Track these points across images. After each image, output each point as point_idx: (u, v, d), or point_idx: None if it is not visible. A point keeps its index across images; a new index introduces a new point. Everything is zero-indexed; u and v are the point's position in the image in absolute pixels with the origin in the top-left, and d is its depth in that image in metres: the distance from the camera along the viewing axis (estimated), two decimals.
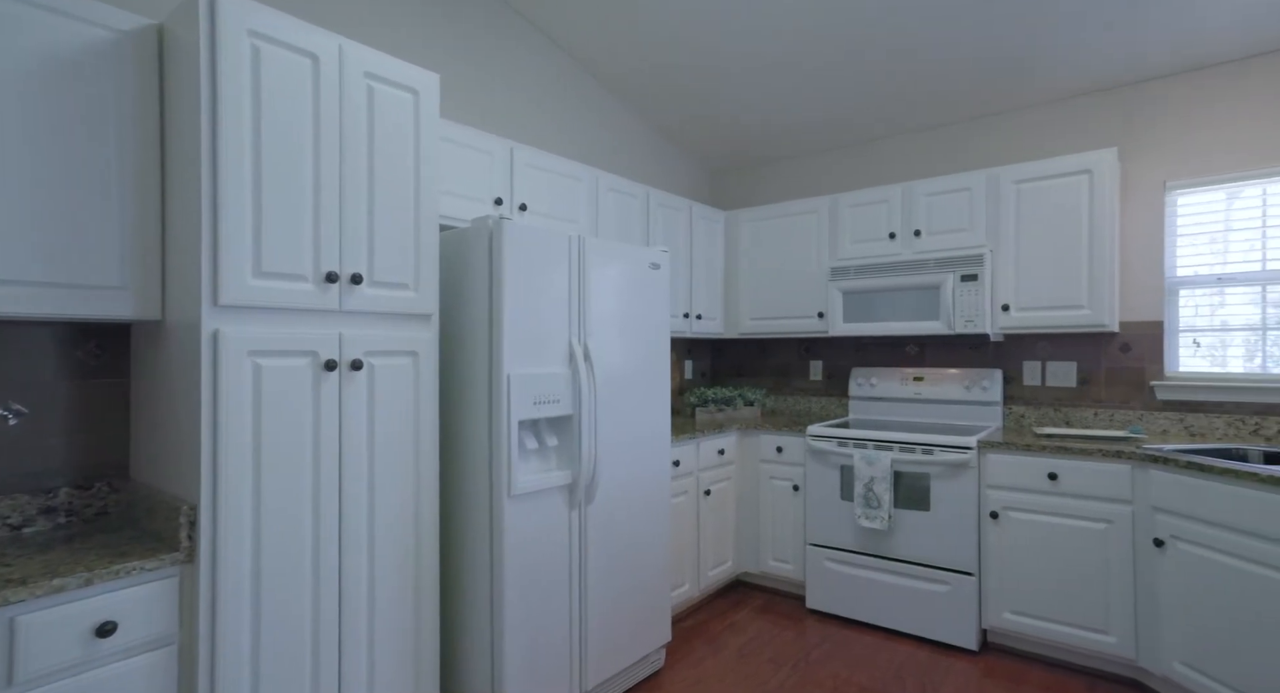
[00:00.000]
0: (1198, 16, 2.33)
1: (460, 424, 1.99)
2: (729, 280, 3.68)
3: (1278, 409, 2.44)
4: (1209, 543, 2.00)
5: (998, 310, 2.78)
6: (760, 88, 3.17)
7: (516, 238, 1.93)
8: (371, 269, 1.64)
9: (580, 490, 2.10)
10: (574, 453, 2.09)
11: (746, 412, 3.53)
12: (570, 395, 2.08)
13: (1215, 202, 2.61)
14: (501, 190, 2.42)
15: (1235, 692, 1.92)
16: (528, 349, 1.96)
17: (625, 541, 2.30)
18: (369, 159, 1.64)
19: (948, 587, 2.59)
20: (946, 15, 2.48)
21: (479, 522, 1.94)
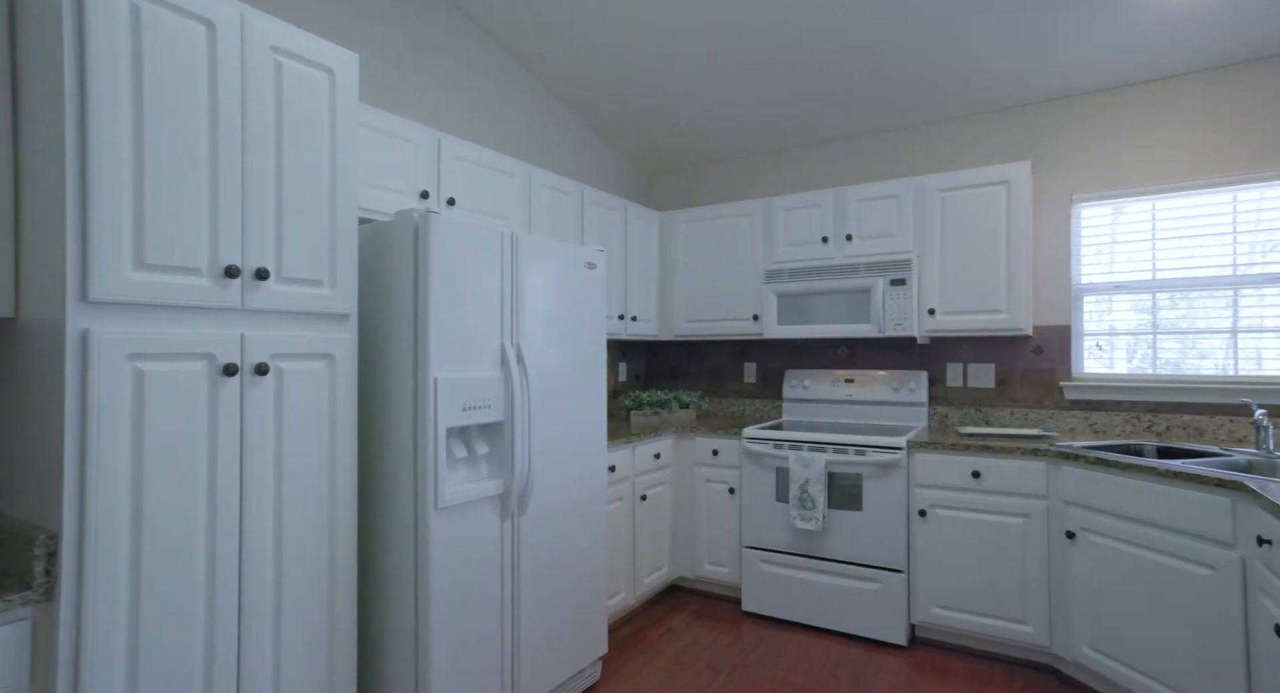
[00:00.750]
0: (1098, 43, 2.48)
1: (382, 433, 1.85)
2: (664, 282, 3.65)
3: (1167, 407, 2.63)
4: (1113, 533, 2.12)
5: (924, 314, 2.87)
6: (694, 91, 3.15)
7: (445, 233, 1.81)
8: (280, 263, 1.48)
9: (513, 500, 1.99)
10: (506, 461, 1.98)
11: (682, 414, 3.50)
12: (502, 401, 1.97)
13: (1113, 214, 2.79)
14: (428, 183, 2.28)
15: (1136, 671, 2.04)
16: (456, 352, 1.84)
17: (560, 551, 2.21)
18: (277, 142, 1.48)
19: (879, 585, 2.64)
20: (863, 32, 2.54)
21: (403, 539, 1.79)
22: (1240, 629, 1.76)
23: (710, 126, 3.50)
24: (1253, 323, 2.53)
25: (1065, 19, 2.39)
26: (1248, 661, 1.75)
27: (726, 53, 2.84)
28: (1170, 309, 2.68)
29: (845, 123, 3.30)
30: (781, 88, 3.06)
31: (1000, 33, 2.51)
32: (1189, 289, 2.64)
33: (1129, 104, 2.73)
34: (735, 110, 3.30)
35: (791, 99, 3.14)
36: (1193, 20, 2.33)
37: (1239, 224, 2.56)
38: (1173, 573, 1.94)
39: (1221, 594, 1.80)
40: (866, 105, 3.12)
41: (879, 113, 3.17)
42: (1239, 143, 2.53)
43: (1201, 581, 1.86)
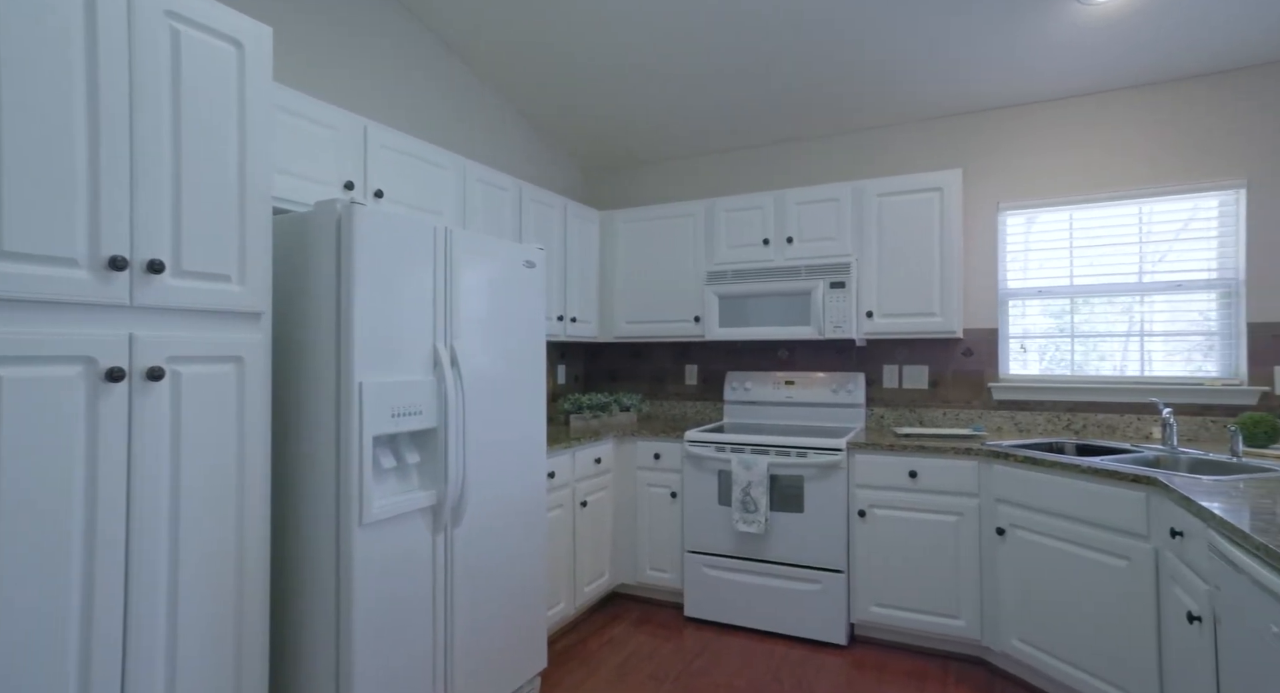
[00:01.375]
0: (1026, 59, 2.58)
1: (300, 443, 1.69)
2: (604, 282, 3.58)
3: (1083, 406, 2.77)
4: (1039, 529, 2.20)
5: (863, 316, 2.92)
6: (636, 89, 3.09)
7: (372, 226, 1.67)
8: (178, 255, 1.32)
9: (446, 512, 1.87)
10: (439, 470, 1.86)
11: (623, 418, 3.44)
12: (435, 406, 1.85)
13: (1035, 222, 2.92)
14: (353, 173, 2.12)
15: (1060, 660, 2.12)
16: (384, 354, 1.70)
17: (498, 564, 2.10)
18: (174, 119, 1.32)
19: (820, 586, 2.65)
20: (805, 38, 2.56)
21: (323, 560, 1.65)
22: (1153, 616, 1.85)
23: (652, 125, 3.45)
24: (1158, 327, 2.69)
25: (996, 35, 2.48)
26: (1159, 645, 1.84)
27: (669, 52, 2.79)
28: (1086, 313, 2.82)
29: (787, 126, 3.32)
30: (725, 89, 3.04)
31: (937, 45, 2.58)
32: (1102, 295, 2.79)
33: (1053, 117, 2.86)
34: (678, 109, 3.27)
35: (735, 101, 3.14)
36: (1113, 43, 2.46)
37: (1144, 235, 2.72)
38: (1093, 565, 2.02)
39: (1136, 584, 1.89)
40: (808, 109, 3.15)
41: (820, 117, 3.21)
42: (1148, 158, 2.69)
43: (1118, 572, 1.94)
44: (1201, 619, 1.55)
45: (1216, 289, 2.60)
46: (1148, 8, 2.28)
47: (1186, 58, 2.52)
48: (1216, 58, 2.51)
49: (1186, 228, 2.66)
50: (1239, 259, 2.56)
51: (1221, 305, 2.60)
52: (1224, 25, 2.34)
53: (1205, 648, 1.55)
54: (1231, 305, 2.58)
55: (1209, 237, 2.62)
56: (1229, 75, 2.57)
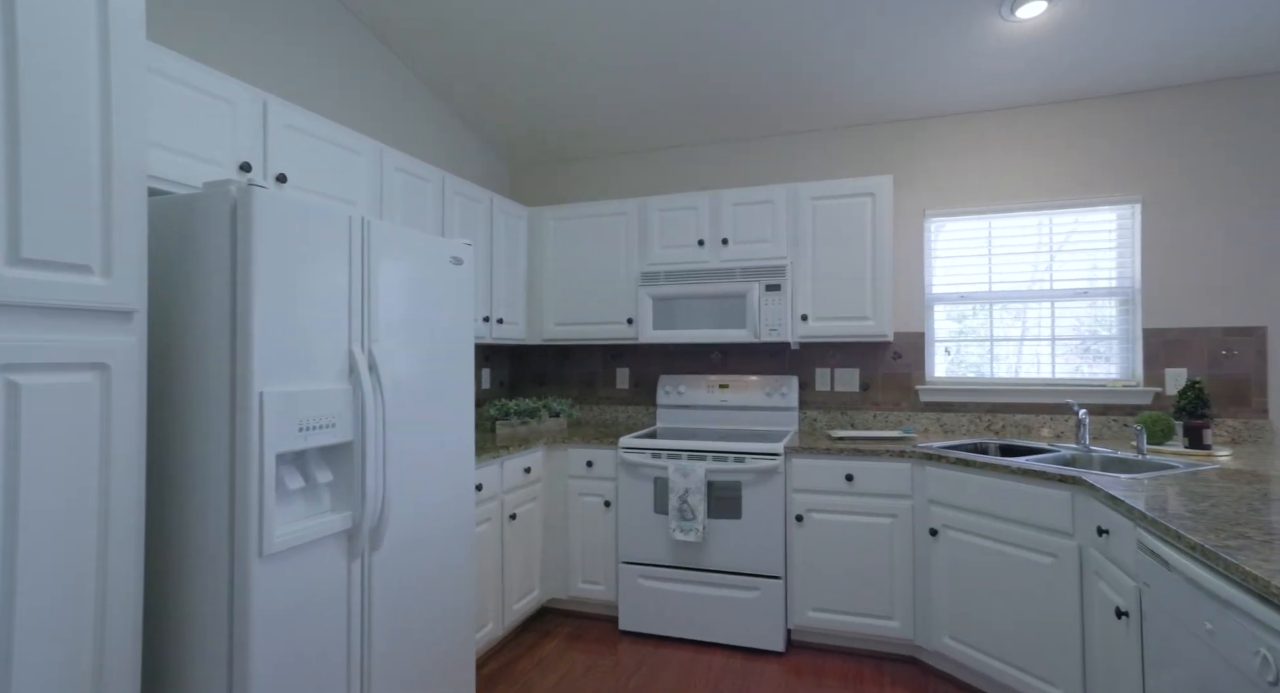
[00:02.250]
0: (954, 72, 2.66)
1: (186, 464, 1.45)
2: (532, 282, 3.41)
3: (1003, 408, 2.89)
4: (970, 529, 2.25)
5: (798, 319, 2.92)
6: (568, 82, 2.96)
7: (275, 212, 1.46)
8: (17, 239, 1.07)
9: (363, 536, 1.66)
10: (355, 489, 1.66)
11: (552, 424, 3.29)
12: (350, 417, 1.64)
13: (959, 230, 3.02)
14: (250, 154, 1.87)
15: (990, 656, 2.18)
16: (290, 360, 1.49)
17: (423, 590, 1.91)
18: (7, 72, 1.07)
19: (758, 592, 2.61)
20: (742, 41, 2.52)
21: (214, 598, 1.41)
22: (1077, 611, 1.92)
23: (583, 120, 3.32)
24: (1067, 332, 2.85)
25: (926, 47, 2.53)
26: (1083, 639, 1.91)
27: (599, 45, 2.68)
28: (1005, 318, 2.95)
29: (723, 126, 3.29)
30: (658, 86, 2.96)
31: (869, 54, 2.60)
32: (1018, 301, 2.92)
33: (976, 128, 2.97)
34: (610, 105, 3.16)
35: (668, 98, 3.06)
36: (1030, 61, 2.56)
37: (1054, 245, 2.87)
38: (1021, 563, 2.08)
39: (1062, 581, 1.96)
40: (743, 110, 3.12)
41: (756, 118, 3.19)
42: (1056, 172, 2.84)
43: (1045, 569, 2.01)
44: (1129, 615, 1.61)
45: (1116, 297, 2.78)
46: (1062, 29, 2.40)
47: (1093, 79, 2.67)
48: (1118, 81, 2.68)
49: (1090, 239, 2.82)
50: (1135, 269, 2.75)
51: (1120, 312, 2.78)
52: (1126, 51, 2.49)
53: (1132, 642, 1.61)
54: (1129, 312, 2.76)
55: (1109, 248, 2.80)
56: (1128, 97, 2.75)
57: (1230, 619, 1.18)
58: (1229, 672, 1.19)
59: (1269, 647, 1.08)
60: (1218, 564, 1.20)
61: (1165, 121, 2.70)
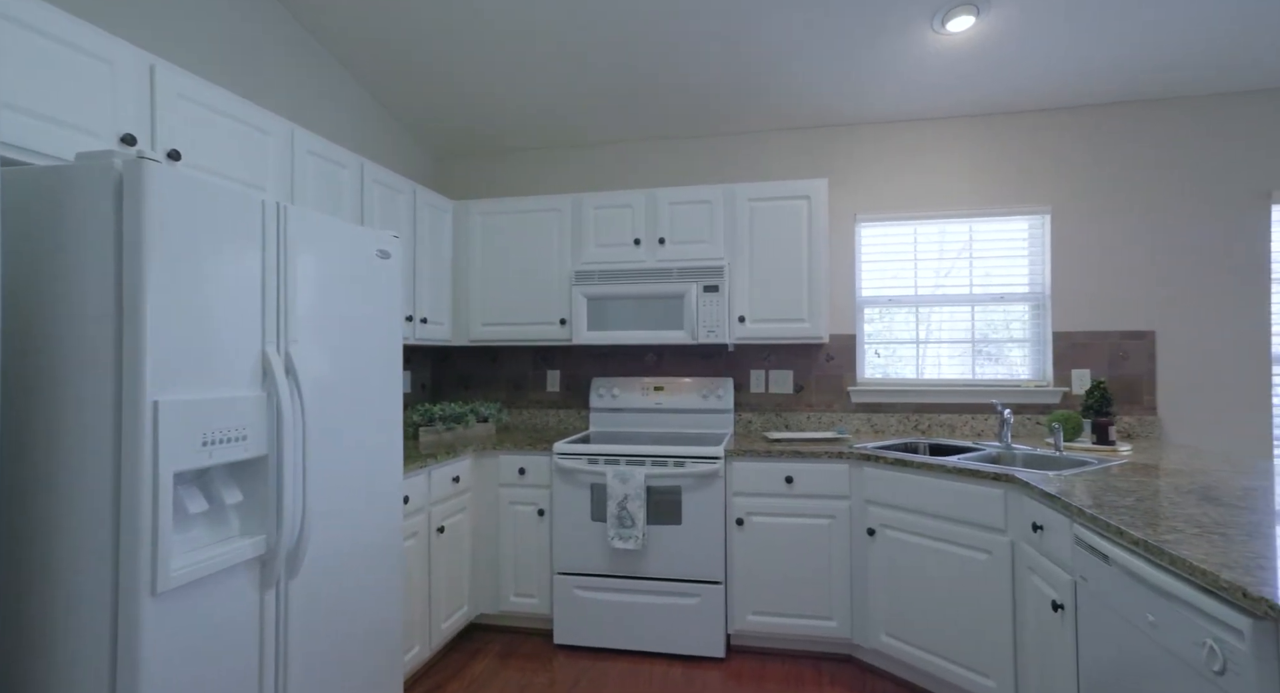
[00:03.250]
0: (885, 83, 2.73)
1: (56, 487, 1.21)
2: (458, 280, 3.22)
3: (929, 408, 3.01)
4: (907, 527, 2.31)
5: (735, 321, 2.91)
6: (498, 68, 2.80)
7: (173, 191, 1.25)
8: None
9: (279, 562, 1.47)
10: (270, 510, 1.46)
11: (480, 429, 3.11)
12: (265, 428, 1.44)
13: (887, 234, 3.12)
14: (135, 125, 1.62)
15: (925, 651, 2.24)
16: (192, 363, 1.28)
17: (346, 617, 1.71)
18: None
19: (698, 599, 2.57)
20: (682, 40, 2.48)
21: (92, 650, 1.19)
22: (1009, 605, 2.00)
23: (514, 111, 3.17)
24: (986, 334, 3.00)
25: (861, 55, 2.58)
26: (1014, 631, 1.99)
27: (537, 32, 2.55)
28: (932, 321, 3.07)
29: (659, 124, 3.23)
30: (598, 79, 2.87)
31: (805, 60, 2.63)
32: (941, 305, 3.05)
33: (905, 137, 3.07)
34: (544, 96, 3.03)
35: (607, 92, 2.97)
36: (956, 74, 2.68)
37: (974, 251, 3.03)
38: (955, 560, 2.15)
39: (995, 576, 2.04)
40: (683, 108, 3.08)
41: (695, 117, 3.16)
42: (976, 182, 2.99)
43: (979, 564, 2.08)
44: (1064, 607, 1.68)
45: (1028, 302, 2.96)
46: (985, 47, 2.51)
47: (1011, 96, 2.83)
48: (1032, 99, 2.85)
49: (1006, 247, 2.99)
50: (1045, 276, 2.93)
51: (1032, 316, 2.96)
52: (1039, 73, 2.65)
53: (1067, 634, 1.68)
54: (1040, 316, 2.94)
55: (1022, 255, 2.97)
56: (1041, 114, 2.93)
57: (1174, 611, 1.24)
58: (1172, 662, 1.25)
59: (1215, 637, 1.13)
60: (1162, 559, 1.26)
61: (1072, 138, 2.90)
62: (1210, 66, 2.60)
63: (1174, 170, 2.82)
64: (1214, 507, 1.55)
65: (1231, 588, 1.08)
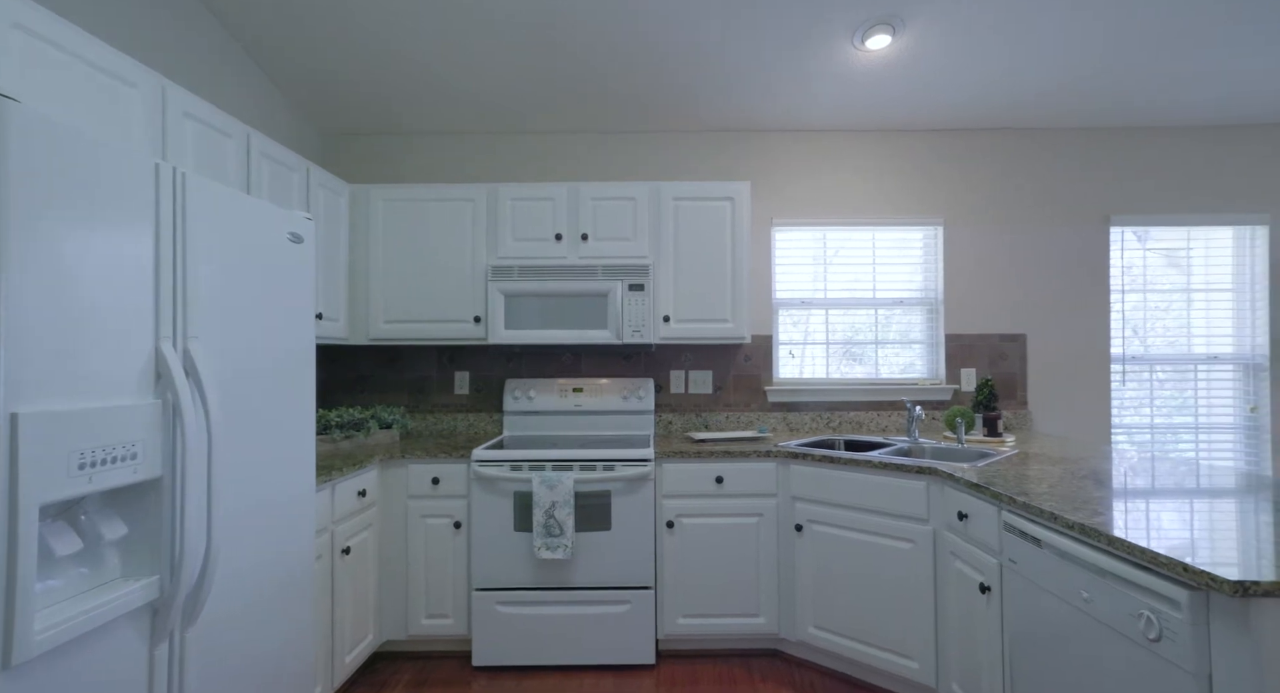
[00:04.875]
0: (800, 94, 2.83)
1: None
2: (355, 272, 2.91)
3: (840, 406, 3.15)
4: (834, 522, 2.39)
5: (660, 321, 2.87)
6: (401, 36, 2.56)
7: (40, 143, 0.98)
8: None
9: (175, 608, 1.20)
10: (163, 544, 1.19)
11: (383, 437, 2.84)
12: (159, 443, 1.18)
13: (800, 239, 3.24)
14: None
15: (851, 639, 2.33)
16: (64, 364, 1.02)
17: (252, 664, 1.45)
18: None
19: (628, 606, 2.50)
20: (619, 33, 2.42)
21: None
22: (931, 590, 2.13)
23: (423, 89, 2.92)
24: (888, 336, 3.21)
25: (785, 65, 2.65)
26: (936, 614, 2.12)
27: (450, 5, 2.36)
28: (839, 323, 3.23)
29: (582, 116, 3.12)
30: (519, 62, 2.71)
31: (738, 63, 2.65)
32: (848, 307, 3.21)
33: (820, 146, 3.20)
34: (457, 75, 2.81)
35: (529, 77, 2.82)
36: (868, 92, 2.82)
37: (876, 258, 3.22)
38: (881, 550, 2.25)
39: (919, 563, 2.16)
40: (604, 102, 2.99)
41: (620, 112, 3.08)
42: (880, 193, 3.18)
43: (904, 553, 2.20)
44: (991, 589, 1.80)
45: (924, 306, 3.20)
46: (897, 66, 2.67)
47: (916, 113, 3.04)
48: (935, 117, 3.08)
49: (905, 254, 3.21)
50: (938, 282, 3.19)
51: (926, 319, 3.20)
52: (943, 93, 2.87)
53: (993, 614, 1.80)
54: (933, 320, 3.19)
55: (918, 263, 3.21)
56: (941, 133, 3.18)
57: (1110, 587, 1.35)
58: (1106, 633, 1.37)
59: (1151, 609, 1.25)
60: (1099, 539, 1.37)
61: (963, 157, 3.17)
62: (1071, 103, 2.96)
63: (1040, 192, 3.17)
64: (1109, 490, 1.74)
65: (1171, 564, 1.19)
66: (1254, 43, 2.55)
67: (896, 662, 2.21)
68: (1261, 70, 2.73)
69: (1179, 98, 2.93)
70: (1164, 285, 3.26)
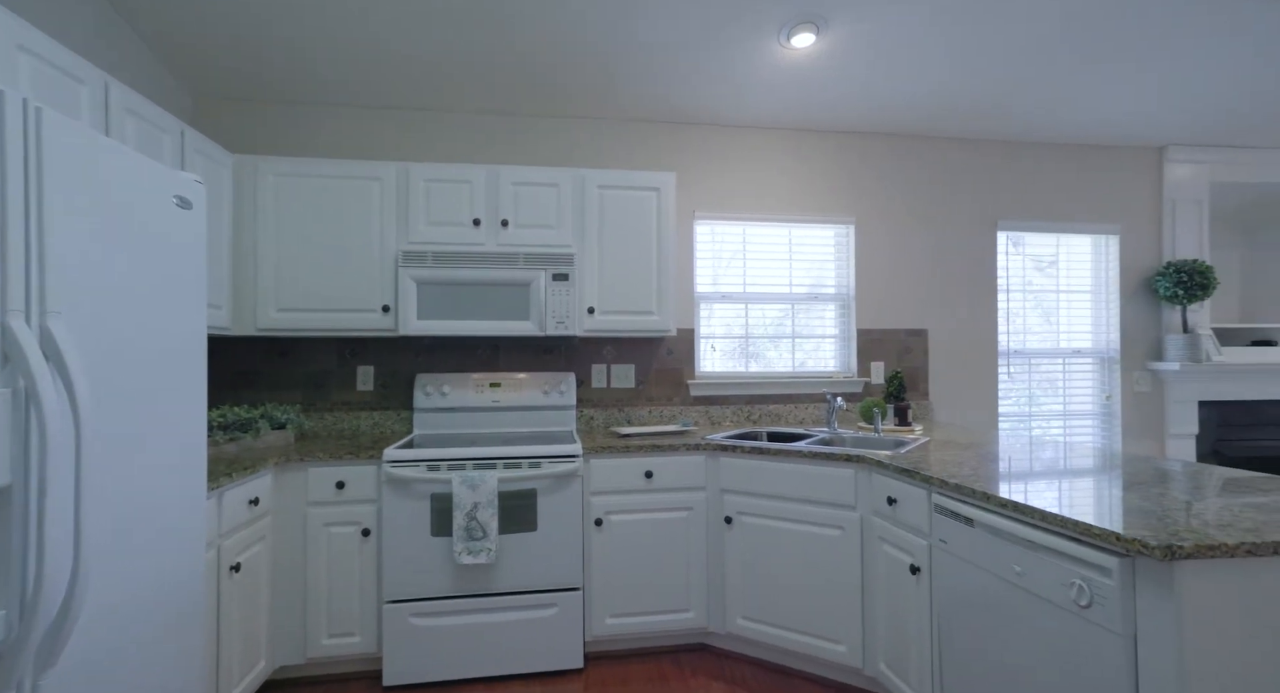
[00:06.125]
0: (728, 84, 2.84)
1: None
2: (240, 254, 2.59)
3: (758, 399, 3.20)
4: (763, 512, 2.40)
5: (584, 312, 2.77)
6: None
7: None
8: None
9: (27, 650, 0.97)
10: (11, 571, 0.96)
11: (275, 438, 2.54)
12: (5, 442, 0.94)
13: (721, 233, 3.26)
14: None
15: (780, 628, 2.35)
16: None
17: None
18: None
19: (556, 609, 2.38)
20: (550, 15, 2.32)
21: None
22: (859, 575, 2.19)
23: (323, 54, 2.64)
24: (803, 330, 3.30)
25: (713, 58, 2.64)
26: (863, 597, 2.19)
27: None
28: (756, 316, 3.28)
29: (503, 96, 2.95)
30: (436, 30, 2.51)
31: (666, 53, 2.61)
32: (767, 302, 3.27)
33: (745, 141, 3.23)
34: (365, 43, 2.57)
35: (446, 49, 2.62)
36: (790, 91, 2.88)
37: (793, 254, 3.31)
38: (809, 538, 2.29)
39: (847, 549, 2.21)
40: (528, 82, 2.85)
41: (543, 95, 2.94)
42: (797, 191, 3.27)
43: (833, 540, 2.25)
44: (921, 569, 1.87)
45: (837, 301, 3.33)
46: (817, 67, 2.75)
47: (835, 114, 3.14)
48: (851, 120, 3.20)
49: (819, 251, 3.32)
50: (850, 279, 3.32)
51: (839, 314, 3.33)
52: (859, 96, 2.98)
53: (923, 593, 1.87)
54: (845, 315, 3.33)
55: (830, 260, 3.33)
56: (855, 135, 3.31)
57: (1042, 560, 1.43)
58: (1038, 603, 1.44)
59: (1082, 577, 1.33)
60: (1033, 516, 1.45)
61: (874, 159, 3.33)
62: (966, 115, 3.18)
63: (940, 196, 3.40)
64: (1026, 470, 1.86)
65: (1105, 534, 1.27)
66: (1109, 78, 2.86)
67: (824, 647, 2.26)
68: (1113, 100, 3.07)
69: (1050, 118, 3.23)
70: (1038, 287, 3.59)
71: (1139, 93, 3.00)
